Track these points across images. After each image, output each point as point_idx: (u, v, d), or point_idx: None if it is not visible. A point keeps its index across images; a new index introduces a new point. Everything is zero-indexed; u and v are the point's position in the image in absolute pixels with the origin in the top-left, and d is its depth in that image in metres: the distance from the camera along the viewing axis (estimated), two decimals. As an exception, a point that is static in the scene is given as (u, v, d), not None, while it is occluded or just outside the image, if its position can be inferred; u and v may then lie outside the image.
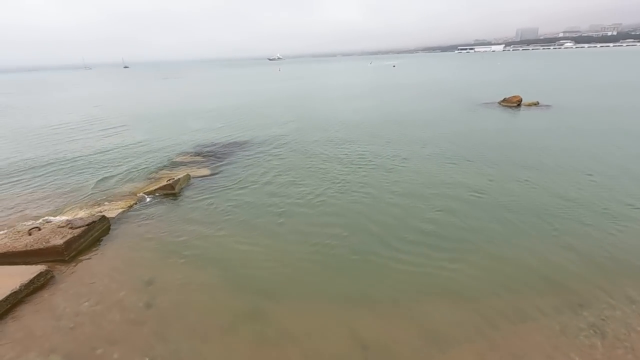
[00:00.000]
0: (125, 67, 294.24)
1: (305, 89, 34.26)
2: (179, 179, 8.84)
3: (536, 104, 19.15)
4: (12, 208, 7.94)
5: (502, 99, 20.29)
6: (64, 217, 7.10)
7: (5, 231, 6.50)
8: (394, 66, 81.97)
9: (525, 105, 18.98)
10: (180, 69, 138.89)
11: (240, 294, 4.86)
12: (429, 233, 6.20)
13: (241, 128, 16.05)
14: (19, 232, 6.32)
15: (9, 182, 9.71)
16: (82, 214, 7.17)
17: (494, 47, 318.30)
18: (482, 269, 5.21)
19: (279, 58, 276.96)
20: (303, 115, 18.70)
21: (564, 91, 24.91)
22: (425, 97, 24.62)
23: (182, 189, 8.65)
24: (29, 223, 6.92)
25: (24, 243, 5.88)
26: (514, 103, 19.17)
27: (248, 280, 5.15)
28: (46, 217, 7.24)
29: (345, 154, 11.10)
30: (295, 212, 7.25)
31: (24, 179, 9.98)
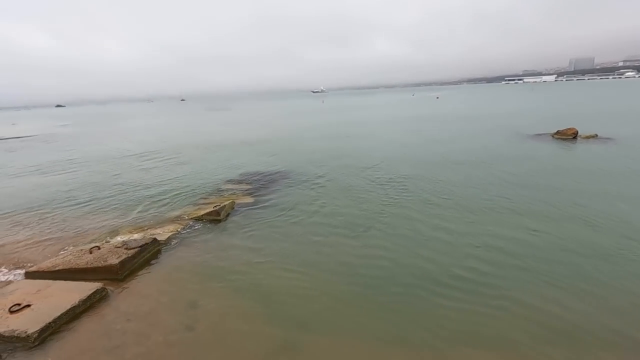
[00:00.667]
0: (182, 99, 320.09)
1: (347, 121, 34.89)
2: (224, 205, 9.23)
3: (594, 136, 17.86)
4: (78, 228, 8.73)
5: (555, 131, 19.20)
6: (120, 238, 7.65)
7: (71, 249, 7.12)
8: (437, 98, 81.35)
9: (583, 137, 17.76)
10: (229, 101, 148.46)
11: (277, 324, 4.84)
12: (478, 275, 5.82)
13: (284, 158, 16.57)
14: (81, 250, 6.89)
15: (76, 204, 10.73)
16: (136, 236, 7.68)
17: (545, 78, 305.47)
18: (537, 317, 4.76)
19: (322, 90, 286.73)
20: (345, 147, 18.94)
21: (627, 123, 23.01)
22: (471, 129, 23.91)
23: (227, 215, 9.00)
24: (91, 242, 7.51)
25: (85, 260, 6.39)
26: (569, 136, 18.02)
27: (286, 309, 5.14)
28: (106, 238, 7.84)
29: (389, 187, 10.95)
30: (337, 242, 7.22)
31: (89, 201, 10.98)
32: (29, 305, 5.16)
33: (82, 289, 5.57)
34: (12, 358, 4.37)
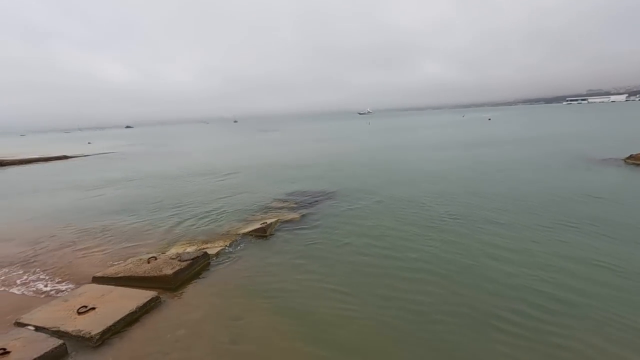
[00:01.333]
0: (235, 121, 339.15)
1: (393, 142, 34.57)
2: (271, 223, 9.49)
3: (677, 161, 15.90)
4: (138, 239, 9.46)
5: (628, 155, 17.39)
6: (174, 250, 8.14)
7: (132, 258, 7.71)
8: (489, 119, 77.86)
9: (662, 163, 15.89)
10: (279, 123, 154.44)
11: (318, 345, 4.80)
12: (541, 311, 5.32)
13: (330, 179, 16.73)
14: (140, 259, 7.44)
15: (138, 217, 11.66)
16: (189, 249, 8.12)
17: (614, 97, 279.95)
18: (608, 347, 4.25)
19: (368, 112, 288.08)
20: (391, 168, 18.73)
21: None
22: (527, 153, 22.41)
23: (272, 232, 9.22)
24: (149, 253, 8.07)
25: (143, 269, 6.87)
26: (644, 160, 16.23)
27: (329, 331, 5.08)
28: (162, 249, 8.39)
29: (440, 211, 10.50)
30: (383, 265, 7.06)
31: (149, 214, 11.89)
32: (94, 308, 5.63)
33: (140, 296, 5.98)
34: (77, 355, 4.77)
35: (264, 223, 9.45)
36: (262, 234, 9.05)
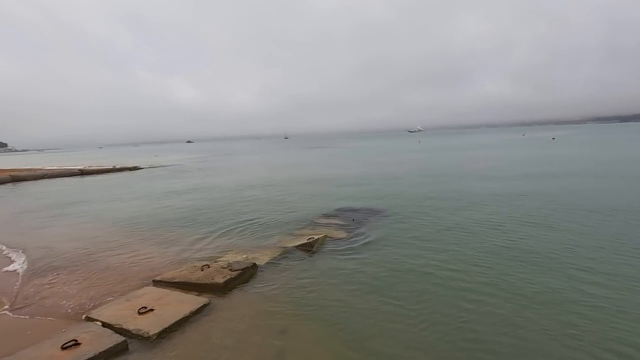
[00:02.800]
0: (285, 137, 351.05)
1: (444, 162, 33.33)
2: (318, 238, 9.54)
3: None
4: (194, 247, 10.04)
5: None
6: (225, 259, 8.48)
7: (187, 264, 8.17)
8: (553, 139, 71.72)
9: None
10: (328, 140, 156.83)
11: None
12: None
13: (379, 196, 16.51)
14: (195, 266, 7.86)
15: (194, 226, 12.41)
16: (239, 259, 8.42)
17: None
18: None
19: (419, 130, 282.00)
20: (442, 188, 17.98)
21: None
22: (606, 178, 20.27)
23: (319, 248, 9.26)
24: (202, 261, 8.50)
25: (197, 276, 7.25)
26: None
27: (374, 351, 4.92)
28: (214, 258, 8.80)
29: (506, 242, 9.62)
30: (433, 290, 6.72)
31: (204, 224, 12.60)
32: (152, 310, 6.03)
33: (193, 302, 6.30)
34: (136, 351, 5.12)
35: (310, 238, 9.54)
36: (308, 248, 9.12)
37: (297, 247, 9.29)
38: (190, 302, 6.29)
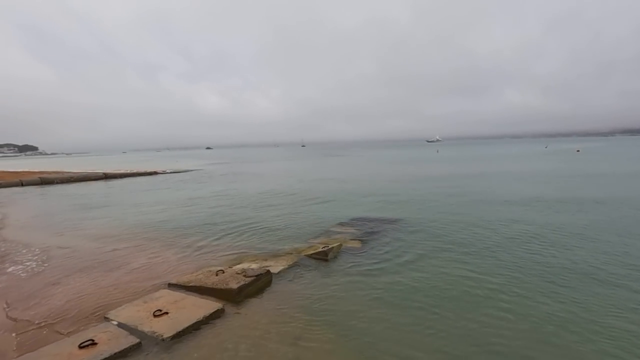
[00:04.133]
0: (303, 145, 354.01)
1: (463, 173, 32.68)
2: (333, 247, 9.49)
3: None
4: (211, 252, 10.17)
5: None
6: (240, 266, 8.53)
7: (203, 269, 8.26)
8: (577, 151, 69.31)
9: None
10: (347, 149, 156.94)
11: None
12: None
13: (394, 205, 16.34)
14: (210, 271, 7.93)
15: (212, 231, 12.56)
16: (254, 266, 8.46)
17: None
18: None
19: (437, 140, 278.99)
20: (460, 201, 17.61)
21: None
22: (632, 193, 19.50)
23: (334, 257, 9.20)
24: (218, 266, 8.58)
25: (212, 281, 7.31)
26: None
27: (387, 365, 4.82)
28: (229, 264, 8.87)
29: (515, 250, 9.59)
30: (448, 302, 6.55)
31: (222, 230, 12.74)
32: (167, 313, 6.11)
33: (207, 306, 6.34)
34: (150, 353, 5.17)
35: (325, 246, 9.49)
36: (323, 257, 9.07)
37: (312, 255, 9.25)
38: (205, 306, 6.34)
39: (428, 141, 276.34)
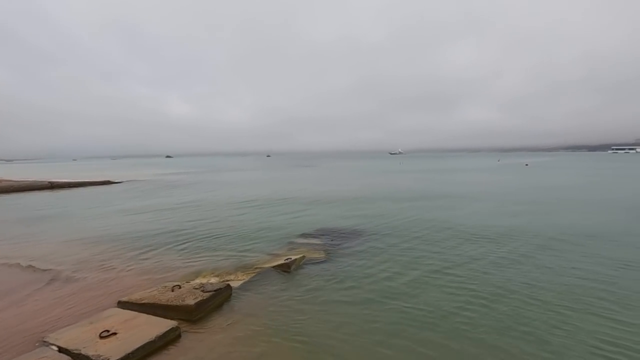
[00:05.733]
0: (268, 155, 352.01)
1: (424, 185, 33.92)
2: (295, 259, 9.36)
3: None
4: (167, 266, 9.63)
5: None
6: (199, 280, 8.16)
7: (158, 285, 7.79)
8: (526, 165, 74.88)
9: None
10: (312, 159, 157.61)
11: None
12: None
13: (360, 217, 16.49)
14: (165, 287, 7.50)
15: (168, 244, 11.95)
16: (213, 280, 8.12)
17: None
18: None
19: (400, 152, 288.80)
20: (422, 212, 18.18)
21: None
22: (574, 203, 21.20)
23: (296, 269, 9.07)
24: (174, 281, 8.14)
25: (167, 297, 6.90)
26: None
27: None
28: (187, 278, 8.45)
29: (472, 260, 10.00)
30: (410, 311, 6.65)
31: (180, 242, 12.15)
32: (115, 333, 5.66)
33: (161, 325, 5.95)
34: (93, 382, 4.74)
35: (288, 259, 9.35)
36: (286, 269, 8.92)
37: (274, 267, 9.06)
38: (159, 325, 5.94)
39: (391, 153, 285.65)
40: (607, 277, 8.32)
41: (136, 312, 6.51)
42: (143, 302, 6.88)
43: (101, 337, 5.52)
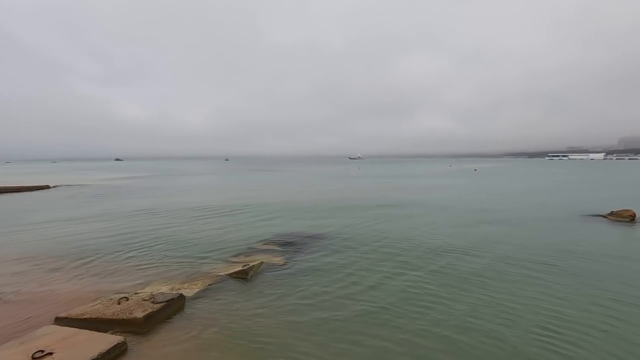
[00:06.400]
0: (226, 159, 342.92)
1: (382, 189, 34.91)
2: (253, 265, 9.17)
3: (656, 220, 16.32)
4: (113, 277, 8.97)
5: (609, 212, 17.83)
6: (149, 291, 7.70)
7: (102, 298, 7.24)
8: (475, 170, 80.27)
9: (644, 221, 16.28)
10: (273, 163, 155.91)
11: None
12: None
13: (319, 221, 16.55)
14: (111, 299, 6.99)
15: (116, 253, 11.16)
16: (164, 290, 7.71)
17: (592, 155, 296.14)
18: None
19: (359, 157, 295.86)
20: (381, 215, 18.66)
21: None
22: (514, 204, 22.91)
23: (254, 275, 8.88)
24: (121, 293, 7.61)
25: (112, 311, 6.43)
26: (625, 218, 16.58)
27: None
28: (136, 289, 7.94)
29: (432, 262, 10.39)
30: (370, 321, 6.73)
31: (128, 251, 11.40)
32: (51, 354, 5.15)
33: (104, 342, 5.51)
34: (23, 409, 4.27)
35: (245, 265, 9.13)
36: (243, 276, 8.70)
37: (231, 275, 8.81)
38: (101, 342, 5.50)
39: (350, 158, 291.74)
40: (534, 263, 9.08)
41: (76, 329, 5.99)
42: (85, 317, 6.35)
43: (34, 359, 5.01)
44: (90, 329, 6.01)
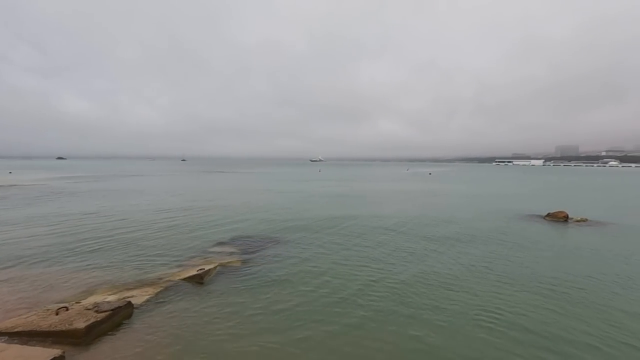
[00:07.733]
0: (183, 160, 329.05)
1: (343, 191, 35.41)
2: (209, 269, 8.88)
3: (585, 220, 18.10)
4: (52, 285, 8.21)
5: (546, 213, 19.53)
6: (93, 299, 7.17)
7: (38, 309, 6.62)
8: (430, 174, 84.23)
9: (574, 221, 17.97)
10: (233, 164, 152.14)
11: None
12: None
13: (273, 223, 16.42)
14: (48, 310, 6.41)
15: (54, 259, 10.27)
16: (111, 298, 7.22)
17: (533, 161, 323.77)
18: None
19: (320, 160, 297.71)
20: (338, 219, 18.87)
21: (618, 209, 23.62)
22: (463, 207, 24.27)
23: (210, 279, 8.60)
24: (61, 302, 7.02)
25: (49, 322, 5.90)
26: (560, 218, 18.30)
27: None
28: (78, 298, 7.35)
29: (385, 259, 10.72)
30: (326, 320, 6.76)
31: (68, 257, 10.54)
32: (-26, 372, 4.62)
33: (38, 356, 5.03)
34: None
35: (201, 269, 8.81)
36: (198, 281, 8.39)
37: (185, 279, 8.45)
38: (35, 356, 5.02)
39: (311, 160, 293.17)
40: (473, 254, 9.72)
41: (5, 344, 5.42)
42: (16, 330, 5.78)
43: (-48, 380, 4.46)
44: (23, 344, 5.48)
